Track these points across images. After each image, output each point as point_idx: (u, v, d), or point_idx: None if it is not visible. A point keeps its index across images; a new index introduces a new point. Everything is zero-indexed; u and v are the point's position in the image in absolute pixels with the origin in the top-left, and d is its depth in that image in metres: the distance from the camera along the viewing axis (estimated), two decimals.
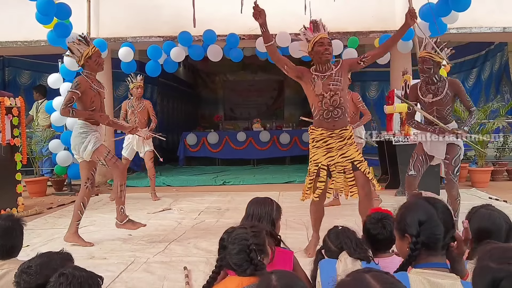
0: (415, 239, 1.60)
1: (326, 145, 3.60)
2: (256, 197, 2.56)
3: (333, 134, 3.58)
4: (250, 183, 8.17)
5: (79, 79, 4.15)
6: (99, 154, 4.15)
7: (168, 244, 4.26)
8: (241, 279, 1.79)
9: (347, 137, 3.60)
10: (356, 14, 7.62)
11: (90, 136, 4.15)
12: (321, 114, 3.60)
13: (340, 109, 3.58)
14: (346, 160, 3.57)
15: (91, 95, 4.17)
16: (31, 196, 7.18)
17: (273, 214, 2.43)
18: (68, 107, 4.02)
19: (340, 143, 3.59)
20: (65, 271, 1.61)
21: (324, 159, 3.61)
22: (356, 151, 3.63)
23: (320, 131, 3.62)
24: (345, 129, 3.62)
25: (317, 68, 3.65)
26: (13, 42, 7.83)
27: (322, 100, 3.56)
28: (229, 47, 7.45)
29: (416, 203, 1.70)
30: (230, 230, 1.92)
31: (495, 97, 9.82)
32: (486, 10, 7.48)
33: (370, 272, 1.19)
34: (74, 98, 4.06)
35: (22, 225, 2.36)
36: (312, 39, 3.59)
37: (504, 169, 8.04)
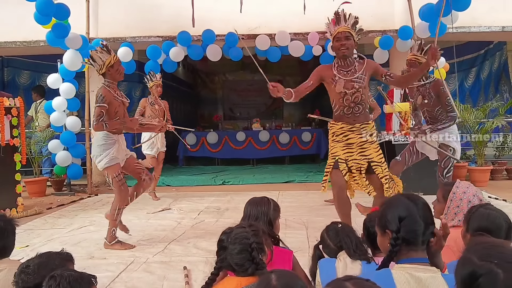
0: (395, 234, 1.63)
1: (346, 140, 3.54)
2: (253, 197, 2.54)
3: (353, 128, 3.53)
4: (250, 182, 8.17)
5: (102, 91, 4.05)
6: (110, 172, 4.13)
7: (167, 244, 4.26)
8: (240, 279, 1.79)
9: (368, 133, 3.54)
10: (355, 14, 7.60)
11: (109, 150, 4.07)
12: (341, 110, 3.56)
13: (361, 105, 3.54)
14: (364, 159, 3.51)
15: (115, 105, 4.10)
16: (31, 196, 7.17)
17: (270, 214, 2.41)
18: (100, 122, 3.94)
19: (361, 140, 3.53)
20: (54, 274, 1.62)
21: (342, 153, 3.53)
22: (377, 152, 3.55)
23: (340, 125, 3.57)
24: (366, 124, 3.57)
25: (339, 63, 3.59)
26: (12, 42, 7.82)
27: (344, 96, 3.52)
28: (228, 46, 7.45)
29: (396, 200, 1.73)
30: (228, 231, 1.91)
31: (494, 96, 9.83)
32: (485, 9, 7.48)
33: (351, 280, 1.21)
34: (103, 112, 3.97)
35: (14, 225, 2.36)
36: (333, 34, 3.55)
37: (504, 168, 8.05)
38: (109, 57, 4.12)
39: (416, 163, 5.55)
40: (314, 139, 10.51)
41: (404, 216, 1.65)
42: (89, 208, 6.19)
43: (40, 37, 7.43)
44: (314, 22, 7.50)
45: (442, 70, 7.28)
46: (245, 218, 2.41)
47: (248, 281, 1.76)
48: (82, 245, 4.33)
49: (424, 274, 1.54)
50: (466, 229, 1.94)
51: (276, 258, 2.14)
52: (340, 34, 3.50)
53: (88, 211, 5.97)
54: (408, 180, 6.35)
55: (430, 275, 1.54)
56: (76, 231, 4.86)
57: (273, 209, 2.45)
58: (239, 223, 2.09)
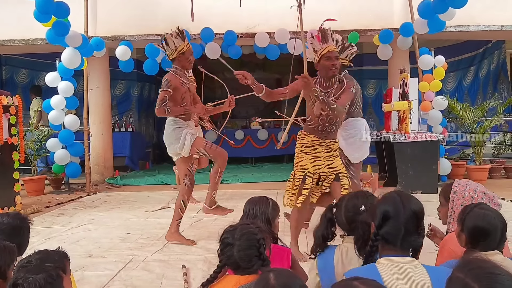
0: (376, 231, 1.73)
1: (314, 153, 3.59)
2: (252, 197, 2.53)
3: (323, 143, 3.58)
4: (248, 181, 8.17)
5: (168, 76, 4.06)
6: (198, 146, 4.15)
7: (166, 242, 4.25)
8: (239, 277, 1.79)
9: (334, 149, 3.63)
10: (354, 12, 7.62)
11: (184, 130, 4.11)
12: (316, 126, 3.59)
13: (335, 126, 3.59)
14: (332, 171, 3.59)
15: (182, 91, 4.12)
16: (29, 195, 7.17)
17: (268, 213, 2.40)
18: (162, 106, 3.97)
19: (328, 153, 3.60)
20: (18, 282, 1.55)
21: (311, 166, 3.58)
22: (341, 164, 3.67)
23: (312, 138, 3.60)
24: (334, 142, 3.65)
25: (321, 82, 3.57)
26: (10, 41, 7.80)
27: (319, 116, 3.53)
28: (227, 44, 7.44)
29: (391, 198, 1.78)
30: (231, 228, 1.89)
31: (492, 95, 9.84)
32: (483, 8, 7.49)
33: (358, 279, 1.23)
34: (167, 96, 3.99)
35: (29, 223, 2.36)
36: (319, 51, 3.47)
37: (502, 167, 8.06)
38: (182, 44, 4.16)
39: (415, 162, 5.57)
40: None
41: (388, 216, 1.72)
42: (87, 207, 6.18)
43: (38, 36, 7.42)
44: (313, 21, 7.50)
45: (441, 69, 7.30)
46: (244, 217, 2.41)
47: (247, 280, 1.76)
48: (81, 243, 4.32)
49: (405, 264, 1.64)
50: (461, 229, 1.94)
51: (275, 255, 2.13)
52: (330, 53, 3.44)
53: (86, 210, 5.96)
54: (407, 179, 6.40)
55: (411, 264, 1.64)
56: (74, 230, 4.86)
57: (272, 208, 2.44)
58: (238, 222, 2.09)
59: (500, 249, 1.87)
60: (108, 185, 8.10)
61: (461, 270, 1.28)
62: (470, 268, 1.27)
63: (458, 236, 1.98)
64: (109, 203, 6.43)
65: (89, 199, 6.85)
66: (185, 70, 4.24)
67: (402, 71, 6.68)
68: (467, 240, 1.91)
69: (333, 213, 2.17)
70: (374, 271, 1.62)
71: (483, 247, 1.85)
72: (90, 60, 7.71)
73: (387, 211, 1.72)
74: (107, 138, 8.55)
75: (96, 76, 8.25)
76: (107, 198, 6.80)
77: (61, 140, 7.23)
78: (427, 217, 1.83)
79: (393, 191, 1.83)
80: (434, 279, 1.59)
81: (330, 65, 3.43)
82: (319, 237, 2.14)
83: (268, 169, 9.57)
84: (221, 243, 1.87)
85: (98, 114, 8.38)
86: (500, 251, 1.87)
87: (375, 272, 1.61)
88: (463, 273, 1.26)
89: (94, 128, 8.20)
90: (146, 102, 11.23)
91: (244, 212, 2.45)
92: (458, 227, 1.97)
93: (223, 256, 1.84)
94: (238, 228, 1.87)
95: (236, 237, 1.82)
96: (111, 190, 7.70)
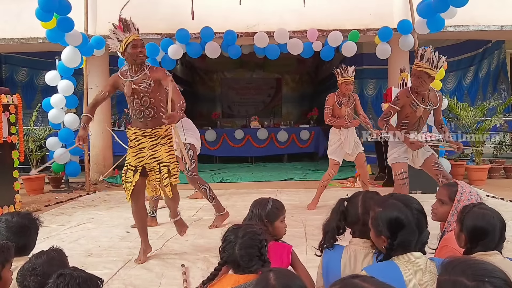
0: (390, 241, 1.71)
1: (138, 144, 3.58)
2: (258, 198, 2.48)
3: (145, 133, 3.57)
4: (248, 180, 8.17)
5: (399, 93, 4.16)
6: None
7: (165, 241, 4.26)
8: (238, 276, 1.79)
9: (160, 136, 3.59)
10: (354, 12, 7.62)
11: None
12: (133, 115, 3.60)
13: (152, 109, 3.54)
14: (154, 161, 3.57)
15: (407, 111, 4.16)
16: (29, 194, 7.17)
17: (263, 215, 2.33)
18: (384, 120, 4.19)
19: (153, 142, 3.58)
20: (63, 272, 1.60)
21: (133, 160, 3.57)
22: (168, 153, 3.61)
23: (134, 130, 3.60)
24: (158, 128, 3.58)
25: (130, 70, 3.58)
26: (10, 39, 7.80)
27: (132, 101, 3.55)
28: (226, 43, 7.44)
29: (392, 206, 1.75)
30: (236, 227, 1.90)
31: (492, 95, 9.85)
32: (483, 8, 7.49)
33: (358, 277, 1.23)
34: (391, 112, 4.17)
35: (38, 224, 2.35)
36: (124, 40, 3.49)
37: (501, 167, 8.07)
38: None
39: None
40: (312, 137, 10.51)
41: (399, 225, 1.70)
42: (87, 206, 6.18)
43: (38, 34, 7.42)
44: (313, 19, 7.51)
45: (441, 69, 7.29)
46: (245, 219, 2.40)
47: (246, 279, 1.76)
48: (80, 242, 4.32)
49: (418, 260, 1.67)
50: (460, 229, 1.94)
51: (274, 251, 2.11)
52: (136, 41, 3.48)
53: (86, 209, 5.96)
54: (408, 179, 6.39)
55: (423, 260, 1.68)
56: (74, 229, 4.86)
57: (272, 210, 2.37)
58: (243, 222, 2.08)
59: (499, 250, 1.87)
60: (108, 184, 8.10)
61: (444, 274, 1.31)
62: (452, 267, 1.30)
63: (457, 236, 1.98)
64: (109, 202, 6.43)
65: (89, 198, 6.85)
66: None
67: (402, 70, 6.68)
68: (466, 240, 1.91)
69: (345, 206, 2.09)
70: (394, 268, 1.64)
71: (482, 247, 1.85)
72: (90, 59, 7.70)
73: (396, 220, 1.70)
74: (106, 137, 8.54)
75: (96, 75, 8.24)
76: (107, 197, 6.80)
77: (60, 139, 7.23)
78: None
79: (388, 198, 1.81)
80: None
81: (137, 52, 3.47)
82: (333, 228, 2.03)
83: (267, 168, 9.58)
84: (224, 241, 1.88)
85: (97, 113, 8.18)
86: (500, 252, 1.87)
87: (395, 269, 1.62)
88: (448, 275, 1.29)
89: (93, 127, 8.19)
90: None
91: (248, 214, 2.43)
92: (457, 227, 1.97)
93: (224, 253, 1.84)
94: (242, 227, 1.88)
95: (239, 235, 1.83)
96: (110, 189, 7.71)
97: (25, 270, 1.79)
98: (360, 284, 1.17)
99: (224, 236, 1.89)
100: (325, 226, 2.08)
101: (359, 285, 1.17)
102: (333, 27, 7.44)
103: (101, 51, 7.42)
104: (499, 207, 2.08)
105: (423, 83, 3.98)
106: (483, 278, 1.21)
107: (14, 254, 2.10)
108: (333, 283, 1.24)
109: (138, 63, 3.52)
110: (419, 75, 3.96)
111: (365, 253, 1.94)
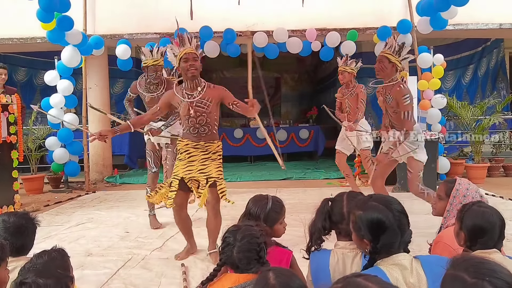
0: (373, 244, 1.68)
1: (189, 157, 3.54)
2: (256, 195, 2.40)
3: (198, 146, 3.54)
4: (247, 179, 8.17)
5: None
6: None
7: (165, 241, 4.26)
8: (238, 276, 1.78)
9: (211, 151, 3.56)
10: (354, 11, 7.62)
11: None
12: (187, 129, 3.56)
13: (207, 127, 3.54)
14: (203, 176, 3.51)
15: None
16: (28, 194, 7.16)
17: (262, 218, 2.25)
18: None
19: (204, 156, 3.54)
20: (26, 280, 1.55)
21: (182, 172, 3.52)
22: (217, 169, 3.57)
23: (186, 142, 3.57)
24: (211, 143, 3.57)
25: (185, 84, 3.56)
26: (8, 39, 7.79)
27: (188, 119, 3.51)
28: (226, 42, 7.44)
29: (372, 209, 1.71)
30: (235, 228, 1.88)
31: (491, 93, 9.85)
32: (482, 6, 7.49)
33: (361, 276, 1.22)
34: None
35: (35, 224, 2.34)
36: (178, 55, 3.49)
37: (500, 165, 8.08)
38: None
39: None
40: (311, 136, 10.50)
41: (380, 227, 1.67)
42: (86, 205, 6.18)
43: (36, 34, 7.41)
44: (312, 18, 7.51)
45: (440, 67, 7.30)
46: (242, 216, 2.34)
47: (246, 278, 1.76)
48: (80, 242, 4.32)
49: (404, 261, 1.65)
50: (460, 227, 1.95)
51: (274, 257, 2.07)
52: (187, 55, 3.45)
53: (85, 208, 5.96)
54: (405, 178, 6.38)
55: (409, 259, 1.66)
56: (73, 228, 4.86)
57: (270, 215, 2.28)
58: (242, 222, 2.07)
59: (498, 248, 1.87)
60: (107, 184, 8.10)
61: (451, 268, 1.31)
62: (459, 263, 1.30)
63: (456, 234, 1.98)
64: (108, 201, 6.44)
65: (88, 197, 6.85)
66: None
67: (401, 69, 6.67)
68: (466, 238, 1.91)
69: (330, 206, 2.09)
70: (380, 273, 1.59)
71: (481, 245, 1.86)
72: (89, 59, 7.70)
73: (378, 223, 1.67)
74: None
75: (95, 75, 8.24)
76: (106, 197, 6.80)
77: (60, 139, 7.23)
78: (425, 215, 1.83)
79: (368, 200, 1.77)
80: (427, 268, 1.63)
81: (187, 66, 3.43)
82: (319, 229, 2.03)
83: (267, 167, 9.58)
84: (223, 242, 1.86)
85: (97, 112, 8.35)
86: (499, 250, 1.87)
87: (381, 274, 1.58)
88: (453, 269, 1.29)
89: (93, 126, 8.19)
90: None
91: (245, 210, 2.35)
92: (457, 225, 1.97)
93: (223, 254, 1.84)
94: (241, 229, 1.86)
95: (237, 238, 1.81)
96: (110, 188, 7.71)
97: (25, 270, 1.78)
98: (363, 283, 1.16)
99: (223, 237, 1.88)
100: (311, 227, 2.07)
101: (362, 283, 1.16)
102: (332, 26, 7.44)
103: (100, 51, 7.42)
104: (498, 205, 2.08)
105: (384, 68, 4.14)
106: (484, 277, 1.20)
107: (13, 255, 2.11)
108: (336, 281, 1.24)
109: (189, 77, 3.47)
110: (380, 60, 4.19)
111: (353, 255, 1.95)
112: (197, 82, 3.51)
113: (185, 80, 3.53)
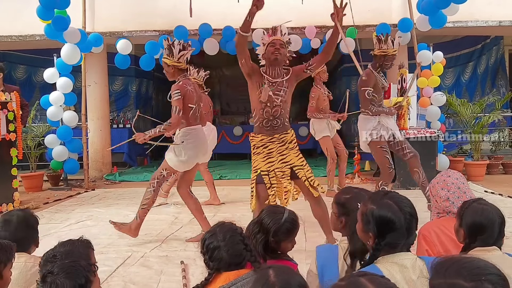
0: (377, 240, 1.67)
1: (267, 150, 3.54)
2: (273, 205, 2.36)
3: (273, 139, 3.54)
4: (247, 177, 8.15)
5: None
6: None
7: (164, 238, 4.26)
8: (228, 274, 1.78)
9: (288, 141, 3.56)
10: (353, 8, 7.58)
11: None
12: (260, 122, 3.55)
13: (280, 119, 3.54)
14: (286, 166, 3.51)
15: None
16: (27, 191, 7.16)
17: (272, 232, 2.09)
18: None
19: (281, 146, 3.54)
20: (47, 279, 1.53)
21: (263, 165, 3.51)
22: (297, 157, 3.57)
23: (260, 137, 3.56)
24: (285, 134, 3.57)
25: (267, 71, 3.56)
26: (7, 37, 7.78)
27: (263, 109, 3.51)
28: (225, 40, 7.43)
29: (385, 206, 1.70)
30: (210, 233, 1.88)
31: (490, 90, 9.85)
32: (482, 4, 7.49)
33: (366, 275, 1.20)
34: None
35: (36, 221, 2.35)
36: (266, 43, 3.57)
37: (500, 163, 8.08)
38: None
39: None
40: (311, 134, 10.48)
41: (389, 225, 1.66)
42: (86, 203, 6.18)
43: (36, 32, 7.40)
44: (311, 16, 7.49)
45: (440, 65, 7.29)
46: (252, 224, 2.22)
47: (237, 274, 1.75)
48: None
49: (405, 260, 1.63)
50: (460, 224, 1.95)
51: None
52: (274, 41, 3.52)
53: (85, 206, 5.96)
54: (405, 175, 6.40)
55: (411, 259, 1.65)
56: (73, 226, 4.86)
57: (281, 232, 2.11)
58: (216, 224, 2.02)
59: (498, 245, 1.88)
60: (107, 181, 8.10)
61: (437, 277, 1.27)
62: (445, 269, 1.26)
63: (456, 231, 1.98)
64: (108, 199, 6.44)
65: (88, 195, 6.85)
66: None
67: (400, 66, 6.68)
68: (465, 235, 1.91)
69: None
70: (377, 272, 1.56)
71: (481, 242, 1.86)
72: (88, 56, 7.68)
73: (389, 223, 1.66)
74: (105, 134, 8.54)
75: (94, 72, 8.23)
76: (106, 195, 6.80)
77: (59, 137, 7.22)
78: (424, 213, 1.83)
79: (382, 196, 1.76)
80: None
81: (272, 50, 3.49)
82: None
83: None
84: (207, 251, 1.84)
85: (96, 110, 8.37)
86: (499, 247, 1.87)
87: (378, 273, 1.54)
88: (442, 278, 1.25)
89: (92, 124, 8.19)
90: (144, 98, 11.22)
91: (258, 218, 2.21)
92: (457, 222, 1.98)
93: (214, 262, 1.81)
94: (217, 230, 1.87)
95: (219, 238, 1.83)
96: (109, 186, 7.71)
97: (46, 257, 1.78)
98: (364, 283, 1.15)
99: (203, 247, 1.85)
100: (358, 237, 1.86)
101: (363, 284, 1.16)
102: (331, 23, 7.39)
103: (99, 49, 7.40)
104: (497, 203, 2.08)
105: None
106: (480, 277, 1.19)
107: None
108: (341, 278, 1.23)
109: (272, 60, 3.50)
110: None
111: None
112: (279, 70, 3.55)
113: (268, 66, 3.56)
